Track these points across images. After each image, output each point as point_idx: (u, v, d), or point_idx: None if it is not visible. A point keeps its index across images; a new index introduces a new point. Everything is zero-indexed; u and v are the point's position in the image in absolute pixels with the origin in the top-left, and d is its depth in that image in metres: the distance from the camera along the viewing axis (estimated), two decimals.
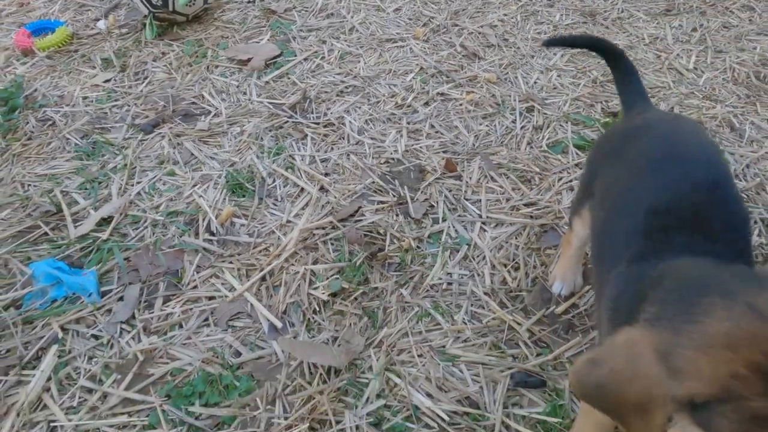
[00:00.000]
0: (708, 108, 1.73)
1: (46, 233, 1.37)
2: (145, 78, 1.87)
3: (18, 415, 1.04)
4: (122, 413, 1.05)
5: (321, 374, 1.09)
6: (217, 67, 1.90)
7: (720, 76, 1.87)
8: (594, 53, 1.18)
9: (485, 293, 1.23)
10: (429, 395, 1.06)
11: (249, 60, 1.90)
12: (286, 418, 1.02)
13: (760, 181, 1.48)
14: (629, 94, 1.10)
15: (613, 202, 0.85)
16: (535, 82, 1.83)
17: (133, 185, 1.50)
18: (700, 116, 1.70)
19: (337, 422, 1.02)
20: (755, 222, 1.37)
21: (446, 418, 1.02)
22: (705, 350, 0.51)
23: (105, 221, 1.39)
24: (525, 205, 1.42)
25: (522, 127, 1.66)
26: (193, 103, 1.77)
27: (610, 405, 0.57)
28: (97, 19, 2.12)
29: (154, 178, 1.52)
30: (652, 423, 0.54)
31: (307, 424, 1.00)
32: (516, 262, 1.29)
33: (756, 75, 1.87)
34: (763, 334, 0.50)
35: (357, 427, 1.01)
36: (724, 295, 0.54)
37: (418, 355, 1.13)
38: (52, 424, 1.03)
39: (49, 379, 1.10)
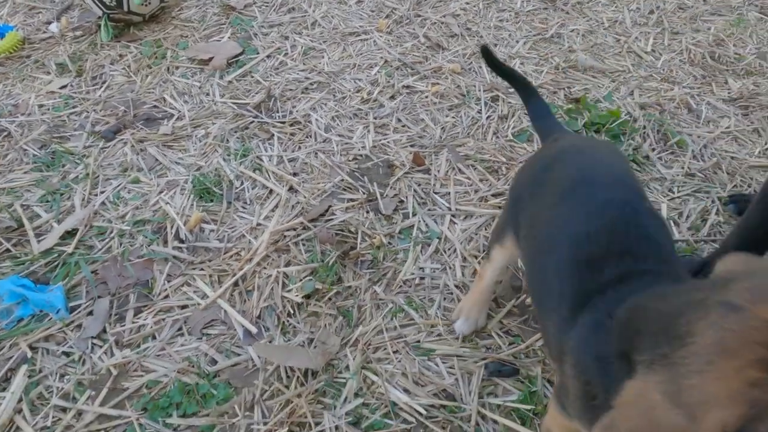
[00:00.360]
0: (666, 90, 1.78)
1: (8, 249, 1.33)
2: (103, 82, 1.82)
3: None
4: (98, 430, 1.04)
5: (298, 377, 1.10)
6: (177, 68, 1.86)
7: (677, 58, 1.92)
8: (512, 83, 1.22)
9: (456, 286, 1.25)
10: (406, 391, 1.08)
11: (210, 59, 1.86)
12: (265, 424, 1.03)
13: (717, 160, 1.53)
14: (544, 125, 1.13)
15: (539, 237, 0.83)
16: None
17: (96, 195, 1.47)
18: (659, 98, 1.74)
19: (317, 424, 1.03)
20: (713, 201, 1.42)
21: (423, 412, 1.04)
22: (707, 370, 0.45)
23: (69, 234, 1.36)
24: (493, 195, 1.44)
25: (487, 117, 1.68)
26: (155, 106, 1.73)
27: None
28: (49, 22, 2.05)
29: (118, 186, 1.49)
30: None
31: (287, 428, 1.01)
32: (486, 253, 1.31)
33: (711, 55, 1.92)
34: (753, 325, 0.44)
35: (336, 428, 1.02)
36: (696, 308, 0.49)
37: (394, 352, 1.14)
38: None
39: (20, 400, 1.08)
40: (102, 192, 1.47)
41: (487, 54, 1.13)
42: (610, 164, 0.88)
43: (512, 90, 1.77)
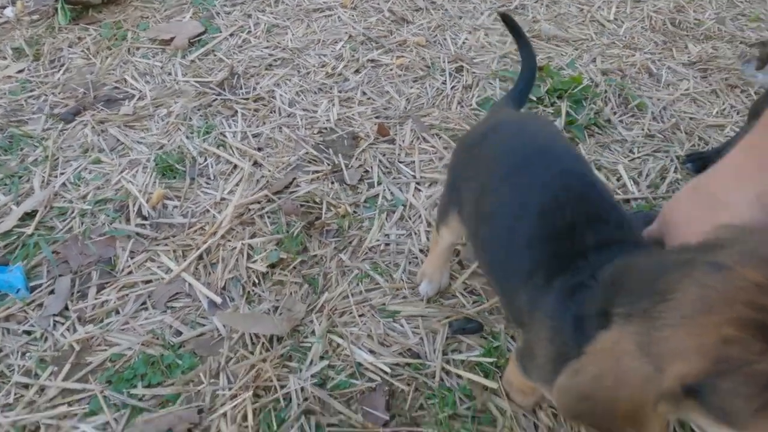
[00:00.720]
0: (628, 56, 1.80)
1: None
2: (62, 65, 1.78)
3: None
4: (62, 404, 1.03)
5: (263, 343, 1.10)
6: (138, 49, 1.83)
7: (639, 25, 1.94)
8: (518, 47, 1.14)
9: (421, 250, 1.26)
10: (371, 351, 1.08)
11: (172, 39, 1.84)
12: (230, 389, 1.03)
13: (676, 121, 1.56)
14: (515, 94, 1.09)
15: (492, 213, 0.81)
16: (464, 43, 1.85)
17: (56, 177, 1.44)
18: (621, 64, 1.76)
19: (282, 387, 1.03)
20: (671, 160, 1.45)
21: (388, 370, 1.05)
22: (682, 325, 0.44)
23: (29, 216, 1.34)
24: None
25: (452, 88, 1.68)
26: (116, 87, 1.70)
27: (601, 419, 0.50)
28: (4, 7, 1.99)
29: (78, 167, 1.46)
30: None
31: (252, 392, 1.01)
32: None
33: (671, 22, 1.95)
34: (739, 285, 0.43)
35: (302, 389, 1.03)
36: (682, 266, 0.49)
37: (359, 315, 1.15)
38: None
39: None
40: (62, 173, 1.45)
41: (506, 19, 1.11)
42: (551, 136, 0.88)
43: (477, 60, 1.78)
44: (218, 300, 1.17)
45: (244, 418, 0.99)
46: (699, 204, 0.63)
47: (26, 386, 1.06)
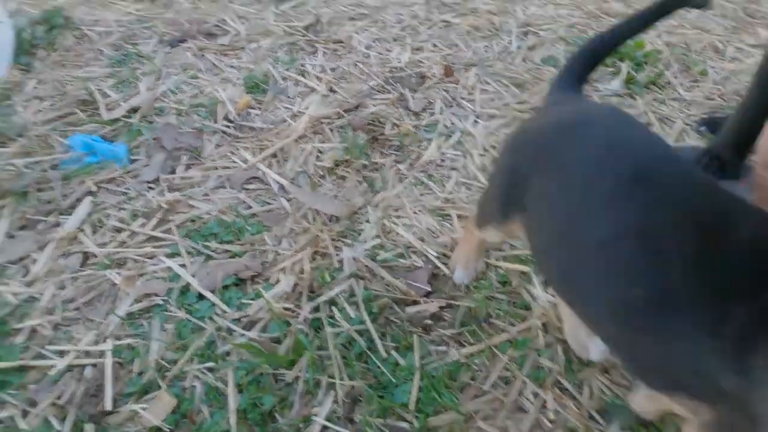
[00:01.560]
0: (695, 35, 1.84)
1: (81, 119, 1.52)
2: (172, 6, 2.03)
3: (56, 246, 1.19)
4: (147, 246, 1.18)
5: (324, 221, 1.22)
6: None
7: (710, 12, 1.98)
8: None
9: (476, 168, 1.35)
10: (421, 239, 1.18)
11: None
12: (291, 252, 1.15)
13: (737, 88, 1.58)
14: (575, 75, 0.90)
15: (603, 241, 0.63)
16: (533, 13, 1.96)
17: (159, 85, 1.65)
18: (686, 40, 1.80)
19: (337, 255, 1.14)
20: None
21: (435, 254, 1.14)
22: None
23: (134, 111, 1.54)
24: (517, 102, 1.54)
25: (518, 47, 1.78)
26: (216, 25, 1.92)
27: None
28: None
29: (178, 80, 1.67)
30: None
31: (310, 252, 1.13)
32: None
33: (744, 10, 1.97)
34: None
35: (354, 259, 1.13)
36: None
37: (413, 213, 1.25)
38: (86, 253, 1.17)
39: (83, 222, 1.24)
40: (164, 84, 1.66)
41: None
42: (651, 139, 0.72)
43: (545, 27, 1.87)
44: (287, 185, 1.31)
45: (302, 271, 1.10)
46: None
47: (119, 230, 1.22)
